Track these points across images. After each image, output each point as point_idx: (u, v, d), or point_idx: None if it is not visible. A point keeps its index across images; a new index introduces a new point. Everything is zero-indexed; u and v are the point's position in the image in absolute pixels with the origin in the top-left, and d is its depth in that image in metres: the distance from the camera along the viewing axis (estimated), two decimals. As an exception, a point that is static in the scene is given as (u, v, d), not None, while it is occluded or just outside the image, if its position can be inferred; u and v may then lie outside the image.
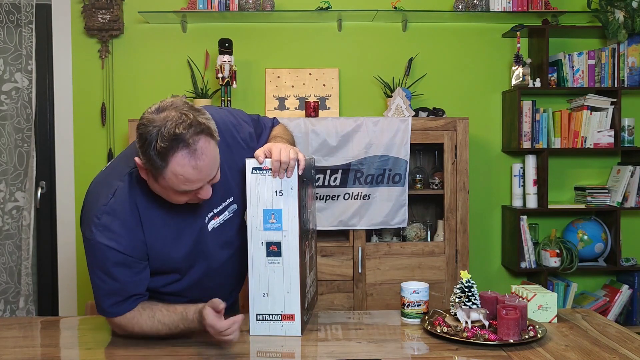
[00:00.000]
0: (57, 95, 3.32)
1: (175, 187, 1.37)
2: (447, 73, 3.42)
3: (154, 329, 1.49)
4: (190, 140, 1.32)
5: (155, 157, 1.33)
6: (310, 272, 1.68)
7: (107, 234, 1.42)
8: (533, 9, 3.26)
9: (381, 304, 2.98)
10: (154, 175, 1.37)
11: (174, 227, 1.50)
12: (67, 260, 3.32)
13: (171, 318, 1.48)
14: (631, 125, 3.30)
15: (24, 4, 3.22)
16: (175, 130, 1.31)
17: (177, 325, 1.48)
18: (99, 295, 1.48)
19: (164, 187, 1.39)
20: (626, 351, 1.41)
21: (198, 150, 1.33)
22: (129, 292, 1.47)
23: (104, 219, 1.42)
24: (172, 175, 1.34)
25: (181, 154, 1.32)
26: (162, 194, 1.43)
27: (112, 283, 1.45)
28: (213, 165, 1.39)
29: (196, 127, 1.33)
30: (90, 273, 1.48)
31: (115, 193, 1.44)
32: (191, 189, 1.38)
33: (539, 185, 3.26)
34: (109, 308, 1.48)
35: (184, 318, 1.48)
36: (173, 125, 1.32)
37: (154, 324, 1.48)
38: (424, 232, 3.18)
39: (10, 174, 3.30)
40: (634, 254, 3.39)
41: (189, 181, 1.36)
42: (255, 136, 1.67)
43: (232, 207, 1.59)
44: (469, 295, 1.53)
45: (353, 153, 2.94)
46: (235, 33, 3.31)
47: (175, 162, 1.32)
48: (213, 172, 1.40)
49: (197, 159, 1.33)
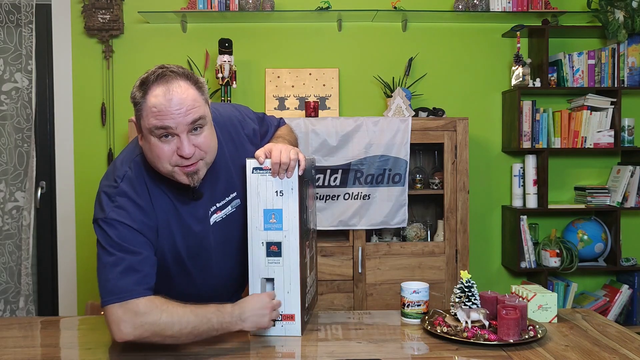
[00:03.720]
0: (57, 95, 3.32)
1: (150, 124, 1.36)
2: (447, 73, 3.42)
3: (184, 318, 1.36)
4: (171, 77, 1.37)
5: (137, 92, 1.38)
6: (310, 272, 1.68)
7: (121, 212, 1.40)
8: (533, 9, 3.26)
9: (381, 304, 2.98)
10: (137, 121, 1.41)
11: (179, 216, 1.50)
12: (67, 260, 3.32)
13: (204, 310, 1.40)
14: (631, 125, 3.30)
15: (24, 4, 3.22)
16: (160, 70, 1.38)
17: (209, 318, 1.39)
18: (115, 275, 1.35)
19: (146, 137, 1.39)
20: (626, 351, 1.41)
21: (174, 84, 1.37)
22: (148, 270, 1.39)
23: (118, 199, 1.42)
24: (148, 109, 1.36)
25: (157, 84, 1.37)
26: (150, 153, 1.41)
27: (130, 257, 1.37)
28: (190, 105, 1.37)
29: (183, 71, 1.40)
30: (104, 253, 1.38)
31: (124, 177, 1.44)
32: (164, 125, 1.35)
33: (539, 185, 3.26)
34: (133, 287, 1.34)
35: (218, 311, 1.41)
36: (161, 66, 1.40)
37: (185, 312, 1.37)
38: (424, 232, 3.18)
39: (10, 174, 3.30)
40: (634, 254, 3.39)
41: (161, 113, 1.35)
42: (259, 134, 1.67)
43: (235, 202, 1.59)
44: (469, 295, 1.53)
45: (353, 153, 2.94)
46: (235, 33, 3.31)
47: (152, 94, 1.36)
48: (190, 115, 1.37)
49: (171, 90, 1.36)
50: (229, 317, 1.42)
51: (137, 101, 1.39)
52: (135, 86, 1.40)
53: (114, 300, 1.35)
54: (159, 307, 1.36)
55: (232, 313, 1.43)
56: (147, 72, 1.40)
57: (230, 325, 1.43)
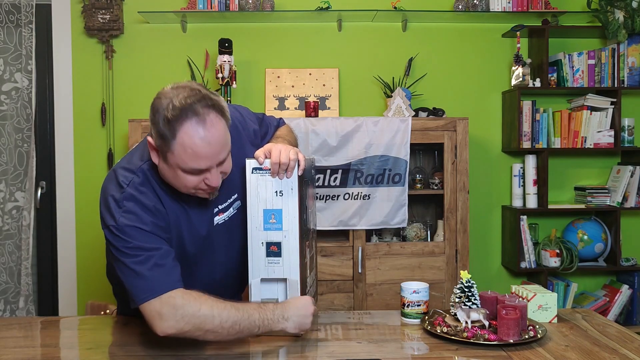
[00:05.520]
0: (57, 95, 3.32)
1: (183, 164, 1.33)
2: (447, 73, 3.42)
3: (224, 312, 1.34)
4: (200, 111, 1.31)
5: (164, 127, 1.31)
6: (310, 272, 1.68)
7: (131, 217, 1.38)
8: (533, 9, 3.26)
9: (381, 304, 2.98)
10: (163, 153, 1.35)
11: (189, 219, 1.50)
12: (67, 260, 3.32)
13: (245, 305, 1.38)
14: (631, 125, 3.30)
15: (24, 4, 3.22)
16: (187, 101, 1.31)
17: (251, 314, 1.37)
18: (145, 275, 1.33)
19: (173, 167, 1.36)
20: (626, 351, 1.41)
21: (208, 122, 1.31)
22: (174, 263, 1.38)
23: (126, 204, 1.39)
24: (180, 149, 1.31)
25: (190, 123, 1.30)
26: (171, 177, 1.39)
27: (153, 253, 1.35)
28: (223, 143, 1.36)
29: (208, 101, 1.33)
30: (124, 257, 1.36)
31: (129, 183, 1.42)
32: (199, 167, 1.35)
33: (539, 185, 3.26)
34: (162, 279, 1.32)
35: (260, 307, 1.40)
36: (185, 96, 1.32)
37: (225, 306, 1.35)
38: (424, 232, 3.18)
39: (10, 174, 3.30)
40: (634, 254, 3.39)
41: (197, 155, 1.32)
42: (259, 134, 1.68)
43: (236, 203, 1.59)
44: (469, 295, 1.53)
45: (353, 153, 2.94)
46: (235, 33, 3.31)
47: (184, 132, 1.30)
48: (223, 154, 1.37)
49: (207, 130, 1.31)
50: (271, 314, 1.40)
51: (165, 135, 1.32)
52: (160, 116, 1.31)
53: (149, 296, 1.33)
54: (197, 299, 1.34)
55: (274, 311, 1.41)
56: (167, 97, 1.32)
57: (272, 323, 1.40)
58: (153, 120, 1.34)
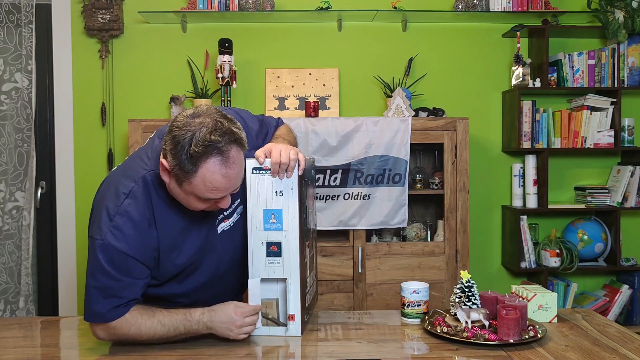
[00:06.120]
0: (57, 95, 3.32)
1: (201, 194, 1.37)
2: (447, 73, 3.42)
3: (151, 330, 1.45)
4: (223, 148, 1.34)
5: (187, 162, 1.33)
6: (310, 272, 1.68)
7: (118, 235, 1.39)
8: (533, 9, 3.26)
9: (381, 304, 2.98)
10: (179, 179, 1.37)
11: (184, 228, 1.49)
12: (67, 260, 3.32)
13: (172, 319, 1.46)
14: (631, 125, 3.30)
15: (24, 4, 3.22)
16: (211, 137, 1.32)
17: (177, 327, 1.46)
18: (97, 300, 1.42)
19: (187, 193, 1.39)
20: (626, 351, 1.42)
21: (230, 159, 1.35)
22: (129, 295, 1.44)
23: (117, 220, 1.40)
24: (200, 182, 1.35)
25: (213, 160, 1.33)
26: (181, 198, 1.42)
27: (115, 285, 1.41)
28: (240, 176, 1.41)
29: (230, 136, 1.35)
30: (91, 276, 1.43)
31: (129, 194, 1.42)
32: (215, 198, 1.39)
33: (539, 185, 3.26)
34: (108, 312, 1.42)
35: (186, 319, 1.47)
36: (208, 131, 1.33)
37: (152, 324, 1.45)
38: (424, 232, 3.18)
39: (10, 174, 3.30)
40: (634, 254, 3.39)
41: (217, 189, 1.36)
42: (261, 136, 1.68)
43: (239, 208, 1.59)
44: (469, 295, 1.53)
45: (353, 153, 2.94)
46: (235, 33, 3.31)
47: (206, 169, 1.33)
48: (239, 182, 1.41)
49: (228, 168, 1.35)
50: (196, 325, 1.48)
51: (186, 169, 1.34)
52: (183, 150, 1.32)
53: (94, 320, 1.46)
54: (129, 321, 1.45)
55: (199, 321, 1.48)
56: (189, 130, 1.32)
57: (198, 332, 1.49)
58: (173, 151, 1.34)
